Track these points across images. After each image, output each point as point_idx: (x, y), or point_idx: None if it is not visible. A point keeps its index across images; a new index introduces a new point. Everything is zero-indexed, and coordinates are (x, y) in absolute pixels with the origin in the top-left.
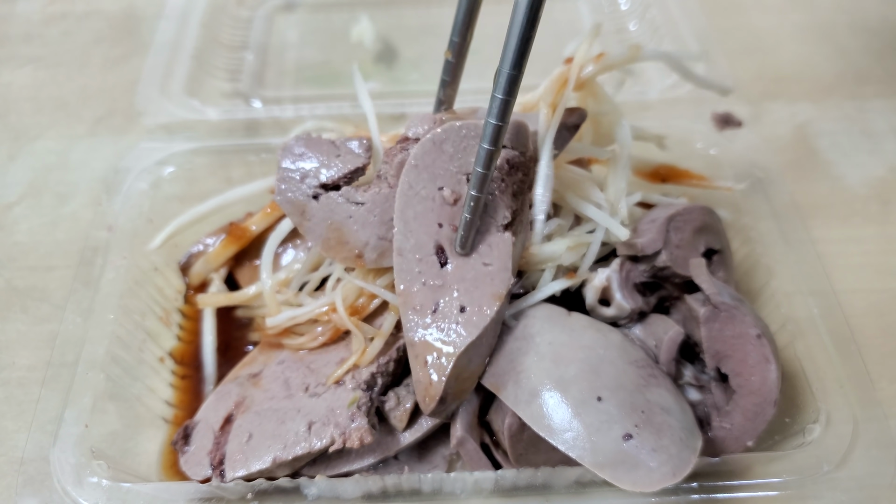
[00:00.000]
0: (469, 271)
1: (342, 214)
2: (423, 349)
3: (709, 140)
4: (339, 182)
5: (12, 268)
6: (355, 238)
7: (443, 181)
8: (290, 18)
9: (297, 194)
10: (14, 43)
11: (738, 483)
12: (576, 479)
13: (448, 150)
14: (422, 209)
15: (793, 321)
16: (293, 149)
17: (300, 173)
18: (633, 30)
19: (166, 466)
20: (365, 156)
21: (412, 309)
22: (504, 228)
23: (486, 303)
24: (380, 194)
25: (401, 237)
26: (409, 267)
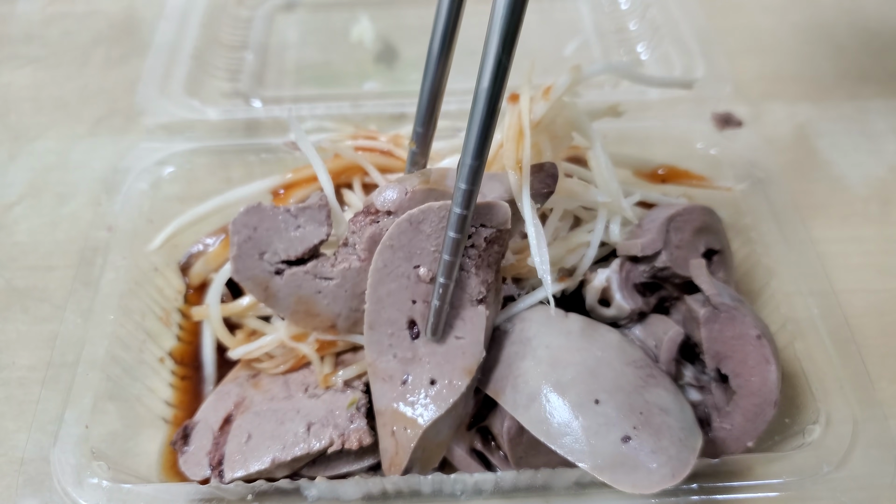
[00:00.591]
0: (441, 345)
1: (310, 290)
2: (391, 419)
3: (709, 140)
4: (303, 256)
5: (12, 268)
6: (326, 311)
7: (419, 260)
8: (290, 18)
9: (257, 271)
10: (14, 43)
11: (739, 484)
12: (575, 481)
13: (425, 231)
14: (395, 287)
15: (793, 321)
16: (245, 222)
17: (258, 249)
18: (633, 30)
19: (166, 467)
20: (327, 226)
21: (381, 379)
22: (478, 302)
23: (457, 376)
24: (350, 270)
25: (373, 313)
26: (380, 340)
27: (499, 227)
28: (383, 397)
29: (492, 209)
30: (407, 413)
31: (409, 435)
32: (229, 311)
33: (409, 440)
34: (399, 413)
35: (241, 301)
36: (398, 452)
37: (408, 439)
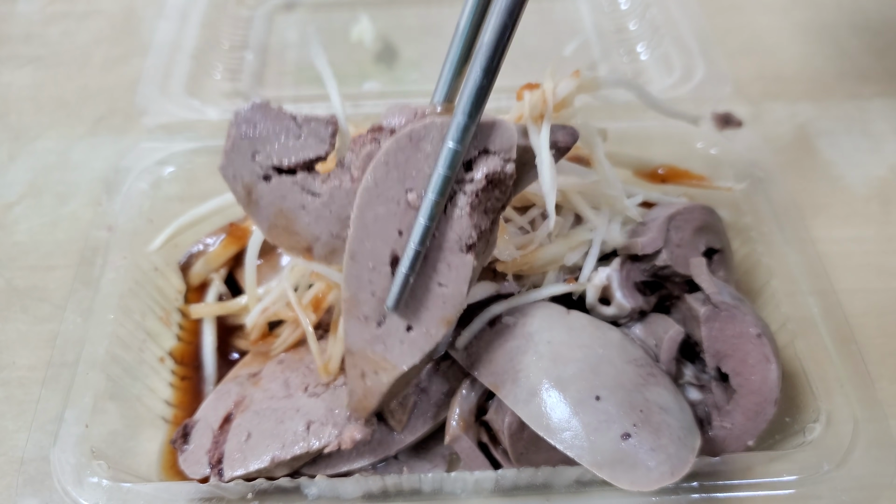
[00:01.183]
0: (421, 289)
1: (294, 203)
2: (363, 362)
3: (709, 140)
4: (295, 167)
5: (12, 267)
6: (305, 231)
7: (412, 183)
8: (290, 18)
9: (245, 171)
10: (14, 43)
11: (739, 482)
12: (576, 479)
13: (425, 150)
14: (384, 212)
15: (793, 321)
16: (248, 118)
17: (252, 148)
18: (632, 29)
19: (166, 466)
20: (329, 142)
21: (356, 318)
22: (467, 249)
23: (434, 326)
24: (340, 188)
25: (356, 240)
26: (360, 274)
27: (504, 154)
28: (357, 337)
29: (496, 129)
30: (380, 358)
31: (381, 381)
32: (229, 310)
33: (380, 386)
34: (372, 356)
35: (241, 300)
36: (366, 396)
37: (379, 385)
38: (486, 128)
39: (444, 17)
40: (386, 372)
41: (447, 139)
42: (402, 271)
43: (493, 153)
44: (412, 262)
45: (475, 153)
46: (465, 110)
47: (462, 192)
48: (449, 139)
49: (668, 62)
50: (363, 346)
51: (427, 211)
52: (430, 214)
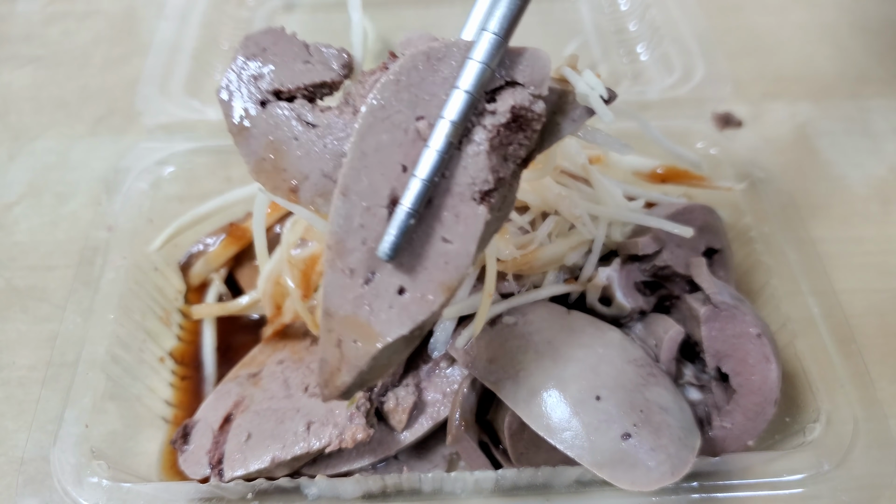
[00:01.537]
0: (421, 242)
1: (286, 133)
2: (341, 326)
3: (709, 140)
4: (296, 93)
5: (12, 267)
6: (294, 166)
7: (425, 109)
8: (290, 19)
9: (244, 93)
10: (14, 43)
11: (738, 482)
12: (576, 479)
13: (443, 73)
14: (388, 140)
15: (793, 321)
16: (258, 41)
17: (256, 71)
18: (632, 30)
19: (166, 466)
20: (340, 71)
21: (339, 270)
22: (481, 198)
23: (432, 290)
24: (339, 119)
25: (352, 172)
26: (351, 214)
27: (534, 88)
28: (337, 295)
29: (526, 57)
30: (363, 323)
31: (360, 351)
32: (229, 310)
33: (358, 357)
34: (354, 320)
35: (241, 300)
36: (341, 369)
37: (357, 356)
38: (514, 54)
39: (443, 17)
40: (368, 341)
41: (471, 56)
42: (404, 209)
43: (522, 85)
44: (417, 199)
45: (500, 82)
46: (497, 26)
47: (481, 126)
48: (474, 56)
49: (668, 62)
50: (344, 307)
51: (441, 137)
52: (444, 142)
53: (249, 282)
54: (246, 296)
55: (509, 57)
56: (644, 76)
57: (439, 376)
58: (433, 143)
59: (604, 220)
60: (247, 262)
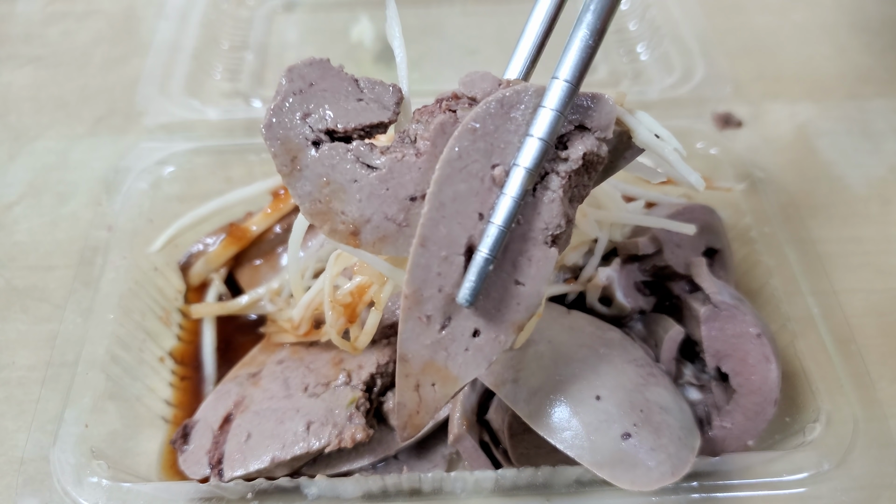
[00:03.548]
0: (495, 286)
1: (346, 176)
2: (420, 370)
3: (709, 140)
4: (352, 133)
5: (12, 267)
6: (355, 209)
7: (500, 157)
8: (290, 18)
9: (293, 133)
10: (14, 43)
11: (738, 482)
12: (576, 479)
13: (516, 119)
14: (465, 190)
15: (793, 321)
16: (303, 74)
17: (304, 108)
18: (632, 30)
19: (166, 466)
20: (393, 109)
21: (416, 318)
22: (552, 241)
23: (504, 331)
24: (402, 162)
25: (430, 223)
26: (430, 264)
27: (600, 133)
28: (414, 341)
29: (595, 103)
30: (440, 367)
31: (438, 394)
32: (228, 310)
33: (436, 399)
34: (431, 365)
35: (241, 300)
36: (419, 411)
37: (435, 398)
38: (582, 100)
39: (443, 17)
40: (446, 384)
41: (544, 104)
42: (483, 255)
43: (590, 130)
44: (495, 245)
45: (570, 128)
46: (569, 73)
47: (555, 173)
48: (547, 104)
49: (668, 62)
50: (422, 353)
51: (517, 185)
52: (520, 189)
53: (249, 282)
54: (245, 296)
55: (576, 101)
56: (644, 76)
57: None
58: (509, 191)
59: (606, 222)
60: (246, 262)
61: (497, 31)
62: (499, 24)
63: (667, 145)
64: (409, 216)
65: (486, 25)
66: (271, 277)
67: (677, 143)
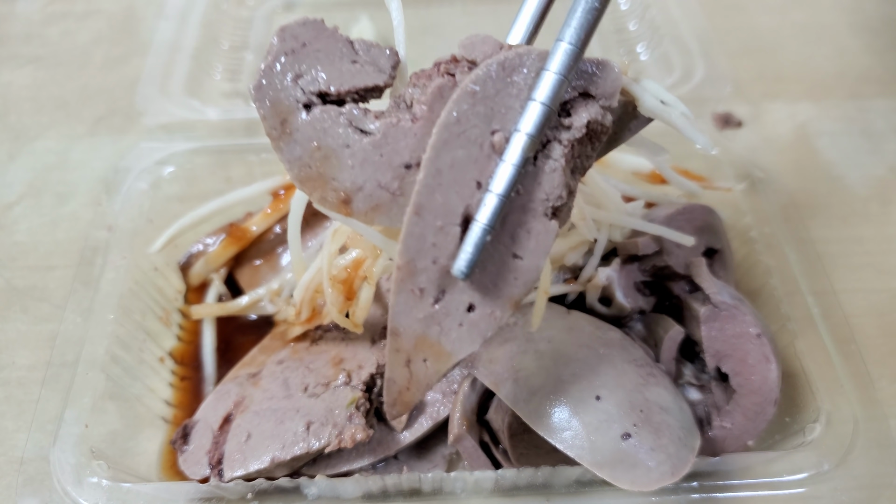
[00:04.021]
0: (492, 259)
1: (338, 140)
2: (411, 345)
3: (709, 140)
4: (346, 96)
5: (12, 267)
6: (346, 176)
7: (500, 122)
8: (290, 18)
9: (284, 95)
10: (14, 43)
11: (738, 482)
12: (576, 479)
13: (518, 83)
14: (463, 156)
15: (793, 321)
16: (296, 34)
17: (295, 69)
18: (632, 30)
19: (166, 466)
20: (389, 72)
21: (409, 291)
22: (552, 213)
23: (500, 307)
24: (397, 127)
25: (426, 190)
26: (424, 233)
27: (605, 101)
28: (406, 315)
29: (600, 69)
30: (433, 342)
31: (430, 370)
32: (228, 310)
33: (428, 376)
34: (423, 340)
35: (241, 300)
36: (410, 388)
37: (427, 374)
38: (587, 65)
39: (443, 17)
40: (438, 360)
41: (548, 68)
42: (481, 225)
43: (594, 98)
44: (494, 215)
45: (574, 94)
46: (574, 37)
47: (556, 141)
48: (551, 67)
49: (668, 62)
50: (414, 327)
51: (517, 151)
52: (520, 156)
53: (249, 282)
54: (246, 296)
55: (581, 67)
56: (644, 76)
57: None
58: (509, 158)
59: (605, 223)
60: (247, 262)
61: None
62: (499, 24)
63: (673, 110)
64: (403, 184)
65: (486, 25)
66: (271, 278)
67: (684, 107)
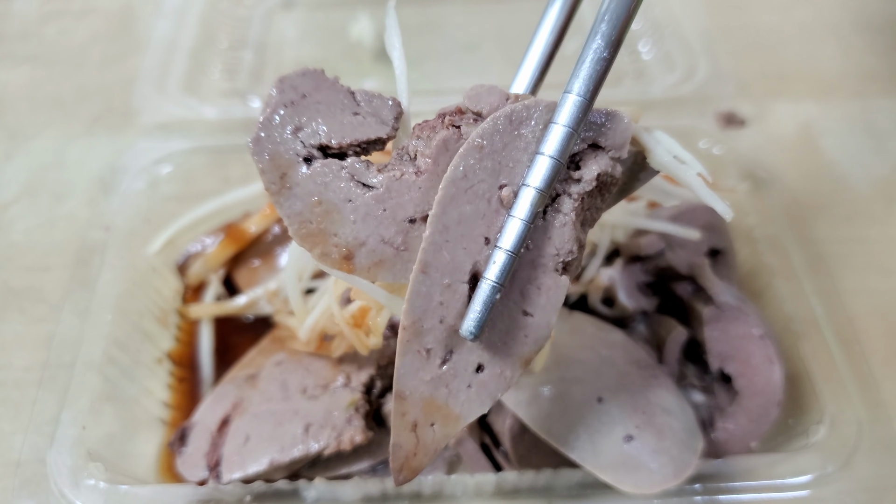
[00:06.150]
0: (501, 317)
1: (339, 195)
2: (418, 409)
3: (712, 139)
4: (347, 149)
5: (9, 268)
6: (348, 231)
7: (508, 177)
8: (289, 17)
9: (283, 148)
10: (11, 41)
11: (742, 485)
12: (578, 482)
13: (526, 136)
14: (471, 212)
15: (796, 321)
16: (295, 85)
17: (295, 122)
18: (634, 28)
19: (163, 468)
20: (392, 124)
21: (415, 351)
22: (563, 269)
23: (510, 366)
24: (400, 181)
25: (432, 248)
26: (431, 293)
27: (614, 152)
28: (412, 377)
29: (609, 120)
30: (441, 405)
31: (438, 434)
32: (226, 310)
33: (436, 440)
34: (431, 403)
35: (239, 300)
36: (417, 454)
37: (434, 439)
38: (596, 116)
39: (443, 16)
40: (447, 424)
41: (556, 120)
42: (489, 283)
43: (604, 149)
44: (503, 272)
45: (582, 146)
46: (583, 88)
47: (566, 195)
48: (559, 120)
49: (671, 61)
50: (420, 390)
51: (527, 206)
52: (530, 211)
53: (247, 282)
54: (243, 296)
55: (590, 118)
56: (646, 75)
57: None
58: (518, 213)
59: (608, 224)
60: (244, 262)
61: (497, 27)
62: (499, 21)
63: (689, 169)
64: (407, 239)
65: (486, 22)
66: (269, 278)
67: (701, 166)
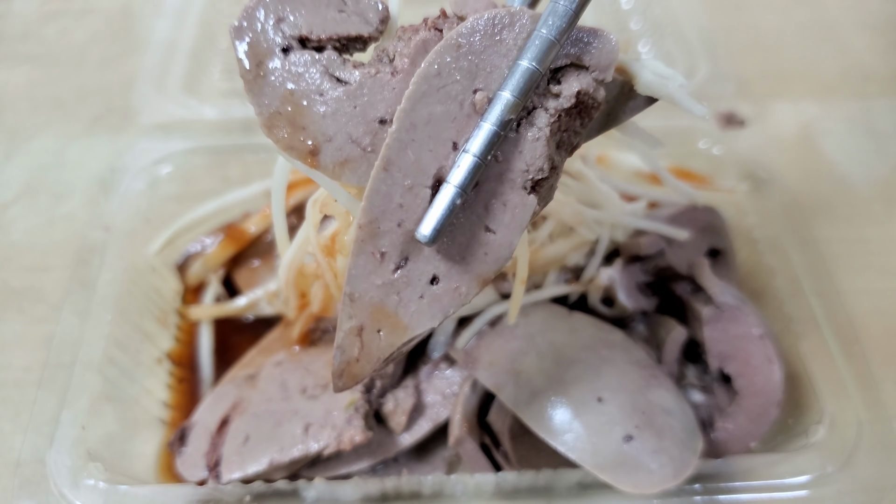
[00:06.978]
0: (462, 230)
1: (311, 86)
2: (365, 314)
3: (712, 139)
4: (326, 43)
5: (8, 268)
6: (317, 125)
7: (484, 81)
8: None
9: (262, 37)
10: (10, 41)
11: (741, 485)
12: (578, 482)
13: (507, 42)
14: (441, 113)
15: (796, 322)
16: None
17: (278, 12)
18: (634, 28)
19: (163, 469)
20: (377, 26)
21: (369, 253)
22: (532, 187)
23: (466, 283)
24: (375, 78)
25: (397, 144)
26: (391, 193)
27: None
28: (364, 279)
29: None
30: (390, 313)
31: (383, 342)
32: (226, 311)
33: (380, 349)
34: (380, 309)
35: (238, 301)
36: (360, 360)
37: (379, 347)
38: (580, 33)
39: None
40: (394, 332)
41: (540, 28)
42: (452, 187)
43: (587, 69)
44: (467, 177)
45: (565, 62)
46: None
47: (542, 109)
48: (543, 28)
49: (671, 61)
50: (371, 294)
51: (499, 113)
52: (502, 118)
53: (247, 283)
54: (243, 297)
55: (576, 35)
56: None
57: (439, 378)
58: (490, 119)
59: (607, 223)
60: (244, 263)
61: None
62: None
63: (670, 82)
64: (375, 140)
65: None
66: (269, 279)
67: (682, 78)
